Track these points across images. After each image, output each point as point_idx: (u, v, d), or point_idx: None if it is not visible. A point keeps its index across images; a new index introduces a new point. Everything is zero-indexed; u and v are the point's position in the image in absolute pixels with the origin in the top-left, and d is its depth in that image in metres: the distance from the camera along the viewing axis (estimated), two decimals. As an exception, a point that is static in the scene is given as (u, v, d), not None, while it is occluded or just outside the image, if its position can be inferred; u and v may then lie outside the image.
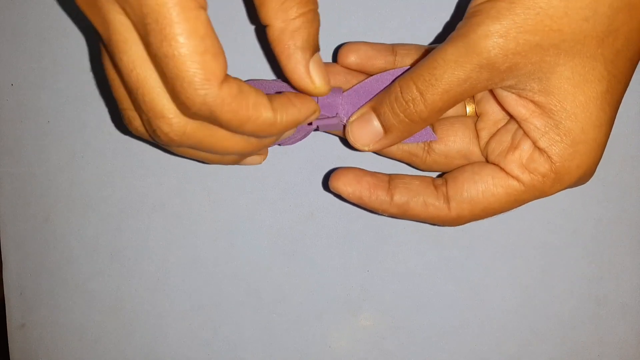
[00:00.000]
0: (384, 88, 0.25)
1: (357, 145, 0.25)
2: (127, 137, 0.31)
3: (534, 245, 0.31)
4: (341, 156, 0.31)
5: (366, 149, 0.25)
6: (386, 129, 0.24)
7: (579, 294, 0.32)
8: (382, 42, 0.28)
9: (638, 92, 0.30)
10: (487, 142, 0.26)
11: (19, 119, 0.32)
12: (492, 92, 0.25)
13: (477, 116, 0.27)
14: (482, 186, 0.24)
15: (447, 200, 0.25)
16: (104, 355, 0.33)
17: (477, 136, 0.26)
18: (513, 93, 0.23)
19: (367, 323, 0.32)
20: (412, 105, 0.23)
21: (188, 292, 0.32)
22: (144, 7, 0.18)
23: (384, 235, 0.31)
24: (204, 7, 0.19)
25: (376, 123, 0.24)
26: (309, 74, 0.23)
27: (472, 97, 0.27)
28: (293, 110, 0.23)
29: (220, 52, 0.20)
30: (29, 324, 0.33)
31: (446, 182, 0.25)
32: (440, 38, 0.30)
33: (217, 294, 0.32)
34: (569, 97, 0.21)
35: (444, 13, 0.30)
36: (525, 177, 0.23)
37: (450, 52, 0.22)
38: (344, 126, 0.26)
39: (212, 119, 0.21)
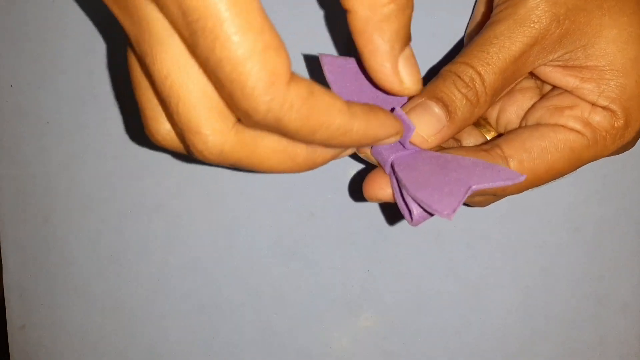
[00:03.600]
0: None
1: (418, 140, 0.22)
2: (126, 138, 0.31)
3: (534, 245, 0.31)
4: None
5: (430, 141, 0.22)
6: (450, 114, 0.21)
7: (579, 293, 0.32)
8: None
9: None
10: (525, 115, 0.24)
11: (19, 119, 0.32)
12: (533, 74, 0.24)
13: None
14: (545, 143, 0.22)
15: (505, 160, 0.22)
16: (104, 356, 0.33)
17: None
18: (559, 66, 0.22)
19: (368, 323, 0.32)
20: (472, 86, 0.21)
21: (188, 292, 0.32)
22: (186, 0, 0.15)
23: (384, 235, 0.31)
24: None
25: (437, 110, 0.21)
26: (398, 72, 0.20)
27: (491, 125, 0.26)
28: (374, 122, 0.19)
29: (281, 45, 0.17)
30: (29, 325, 0.33)
31: (499, 145, 0.23)
32: (443, 38, 0.30)
33: (217, 294, 0.32)
34: (617, 57, 0.21)
35: (443, 12, 0.30)
36: (588, 131, 0.22)
37: (501, 29, 0.21)
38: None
39: (277, 128, 0.17)
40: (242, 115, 0.17)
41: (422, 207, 0.21)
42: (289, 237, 0.32)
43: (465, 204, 0.26)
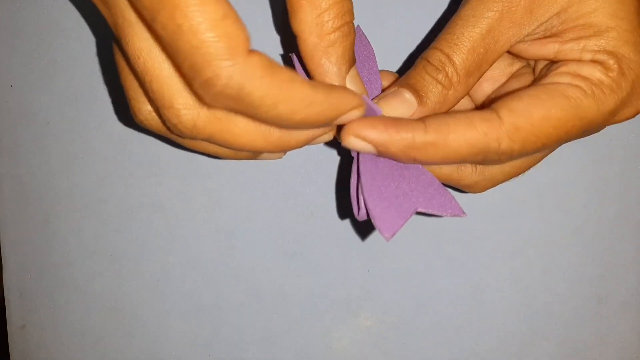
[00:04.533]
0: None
1: None
2: (127, 138, 0.31)
3: (534, 245, 0.31)
4: (342, 156, 0.31)
5: None
6: (420, 99, 0.22)
7: (580, 293, 0.32)
8: (381, 41, 0.28)
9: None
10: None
11: (19, 120, 0.32)
12: (514, 54, 0.24)
13: None
14: (536, 92, 0.21)
15: (495, 110, 0.20)
16: (104, 356, 0.33)
17: None
18: (537, 38, 0.22)
19: (368, 323, 0.32)
20: (442, 69, 0.21)
21: (188, 292, 0.32)
22: None
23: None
24: None
25: (408, 95, 0.22)
26: None
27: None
28: (336, 94, 0.19)
29: (239, 17, 0.17)
30: (29, 325, 0.33)
31: (490, 105, 0.22)
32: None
33: (217, 294, 0.32)
34: (594, 14, 0.21)
35: (443, 12, 0.30)
36: (582, 83, 0.21)
37: (466, 8, 0.21)
38: None
39: (239, 99, 0.17)
40: (203, 88, 0.17)
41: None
42: (289, 237, 0.32)
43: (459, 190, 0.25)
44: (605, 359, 0.32)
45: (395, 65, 0.30)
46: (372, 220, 0.20)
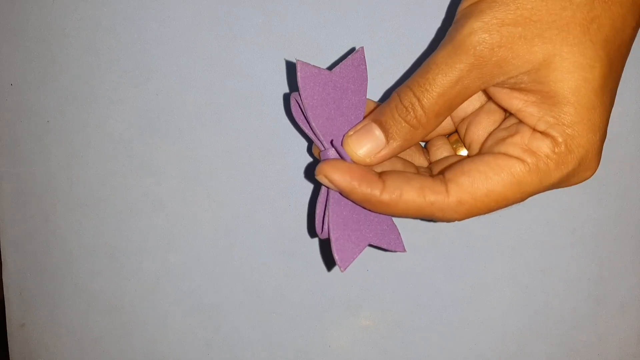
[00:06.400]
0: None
1: (357, 157, 0.24)
2: (126, 137, 0.31)
3: (533, 245, 0.31)
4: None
5: (367, 161, 0.24)
6: (389, 137, 0.24)
7: (578, 294, 0.32)
8: (380, 42, 0.28)
9: (637, 92, 0.30)
10: (481, 145, 0.26)
11: (19, 118, 0.32)
12: (485, 92, 0.25)
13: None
14: (484, 167, 0.23)
15: (445, 183, 0.23)
16: (103, 355, 0.33)
17: None
18: (506, 88, 0.23)
19: (367, 323, 0.32)
20: (411, 110, 0.23)
21: (188, 292, 0.32)
22: None
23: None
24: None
25: (378, 132, 0.24)
26: None
27: (463, 143, 0.27)
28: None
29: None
30: (28, 324, 0.33)
31: (443, 172, 0.24)
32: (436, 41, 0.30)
33: (217, 293, 0.32)
34: (559, 85, 0.22)
35: (442, 12, 0.30)
36: (529, 157, 0.23)
37: (440, 55, 0.22)
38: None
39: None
40: None
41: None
42: (289, 237, 0.32)
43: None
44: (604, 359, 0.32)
45: (404, 67, 0.30)
46: (332, 250, 0.23)
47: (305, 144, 0.31)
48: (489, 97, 0.25)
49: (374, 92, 0.30)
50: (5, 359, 0.34)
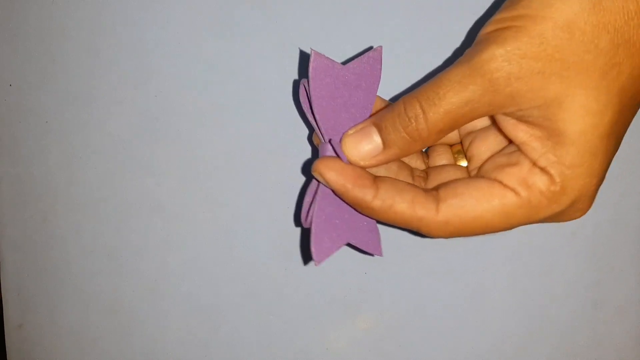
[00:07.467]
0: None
1: (353, 159, 0.24)
2: (126, 138, 0.31)
3: (532, 248, 0.31)
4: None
5: (362, 163, 0.24)
6: (386, 144, 0.24)
7: (576, 297, 0.32)
8: (381, 43, 0.28)
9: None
10: (480, 166, 0.25)
11: (18, 119, 0.32)
12: (491, 117, 0.25)
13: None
14: (477, 193, 0.23)
15: (437, 201, 0.23)
16: (102, 356, 0.33)
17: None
18: (513, 118, 0.23)
19: (365, 325, 0.32)
20: (414, 122, 0.23)
21: (186, 293, 0.32)
22: None
23: (382, 237, 0.31)
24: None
25: (376, 137, 0.24)
26: None
27: (465, 154, 0.27)
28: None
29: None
30: (26, 324, 0.33)
31: (437, 188, 0.25)
32: (441, 44, 0.30)
33: (215, 295, 0.32)
34: (567, 125, 0.22)
35: (442, 13, 0.30)
36: (523, 190, 0.23)
37: (455, 73, 0.22)
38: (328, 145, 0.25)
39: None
40: None
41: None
42: (287, 238, 0.32)
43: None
44: (601, 362, 0.32)
45: (404, 71, 0.30)
46: (310, 243, 0.24)
47: (305, 144, 0.31)
48: (493, 122, 0.25)
49: (379, 93, 0.30)
50: (2, 359, 0.34)
